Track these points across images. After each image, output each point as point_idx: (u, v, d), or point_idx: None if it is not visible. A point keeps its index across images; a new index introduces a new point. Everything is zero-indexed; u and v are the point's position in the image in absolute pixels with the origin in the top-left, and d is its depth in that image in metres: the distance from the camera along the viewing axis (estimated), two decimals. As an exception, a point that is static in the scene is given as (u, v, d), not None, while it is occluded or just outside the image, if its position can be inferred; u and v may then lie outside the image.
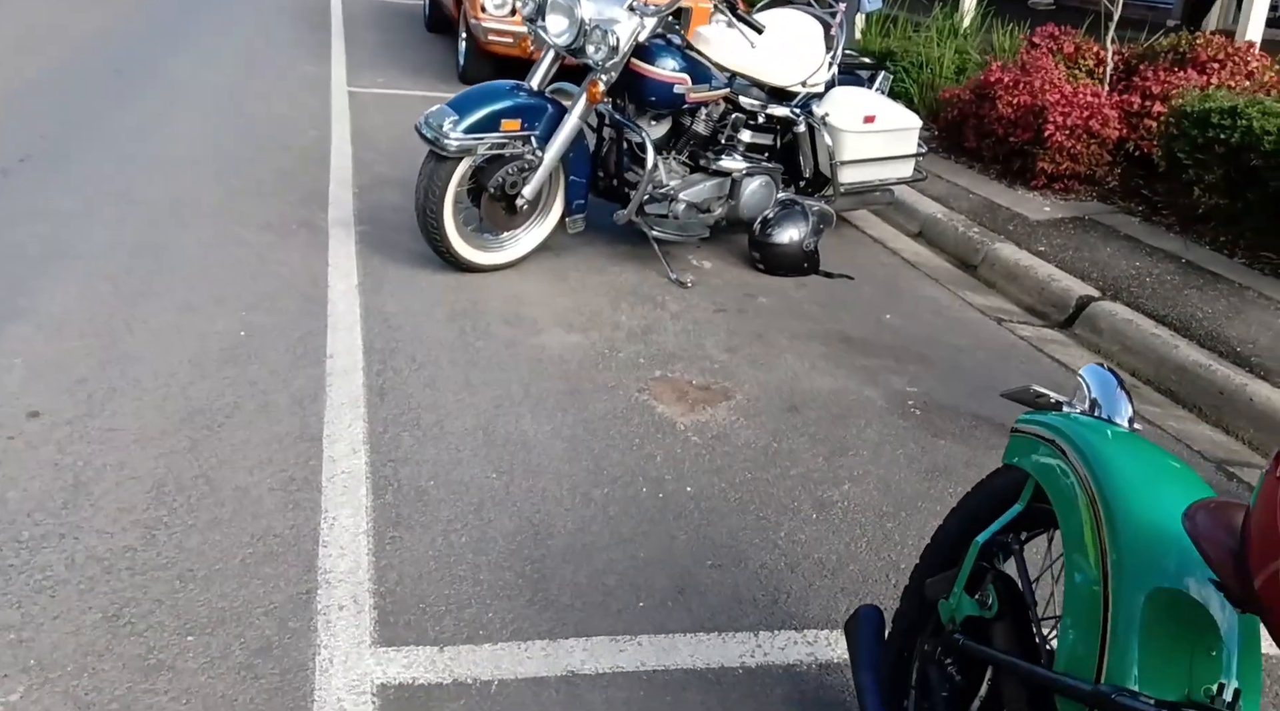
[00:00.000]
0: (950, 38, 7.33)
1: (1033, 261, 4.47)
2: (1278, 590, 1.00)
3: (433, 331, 3.42)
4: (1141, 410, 3.37)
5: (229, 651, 1.94)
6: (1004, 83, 5.58)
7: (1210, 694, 1.19)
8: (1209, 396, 3.42)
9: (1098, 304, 4.05)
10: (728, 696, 1.97)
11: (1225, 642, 1.24)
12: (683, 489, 2.67)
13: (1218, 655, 1.22)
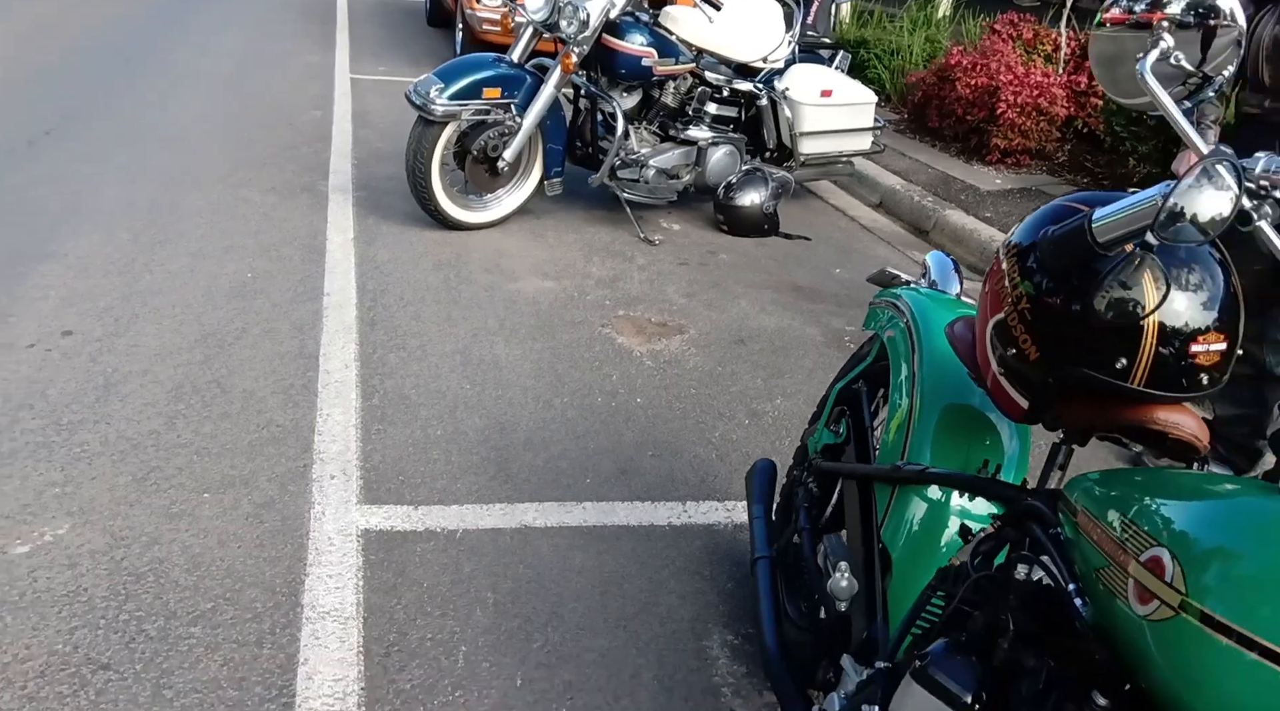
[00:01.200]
0: (923, 27, 7.71)
1: (978, 226, 4.84)
2: (999, 386, 1.37)
3: (420, 277, 3.81)
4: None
5: (238, 505, 2.32)
6: (963, 65, 5.96)
7: (977, 468, 1.56)
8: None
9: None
10: (655, 546, 2.35)
11: (1000, 435, 1.61)
12: (633, 400, 3.04)
13: (991, 444, 1.60)
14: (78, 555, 2.11)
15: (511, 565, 2.22)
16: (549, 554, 2.28)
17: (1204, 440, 1.22)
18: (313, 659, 1.89)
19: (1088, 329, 1.19)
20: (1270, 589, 0.86)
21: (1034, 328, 1.25)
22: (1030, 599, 1.15)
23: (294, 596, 2.05)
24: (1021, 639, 1.12)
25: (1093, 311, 1.16)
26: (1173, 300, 1.15)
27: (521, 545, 2.30)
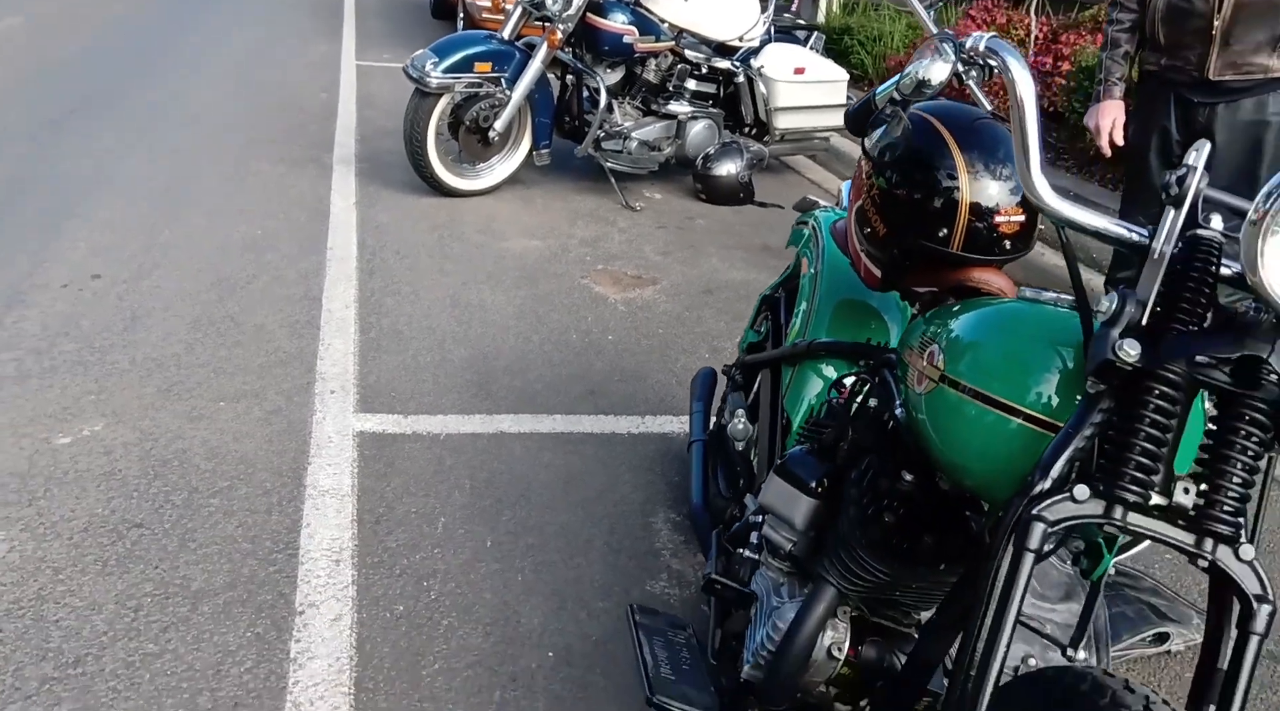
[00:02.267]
0: (906, 15, 8.01)
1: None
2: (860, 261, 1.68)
3: (415, 236, 4.14)
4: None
5: (250, 411, 2.66)
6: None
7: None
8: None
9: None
10: (614, 449, 2.67)
11: (884, 320, 1.93)
12: (605, 337, 3.37)
13: (875, 327, 1.91)
14: (112, 445, 2.44)
15: (487, 461, 2.55)
16: (521, 453, 2.60)
17: (1010, 294, 1.53)
18: (314, 523, 2.22)
19: (918, 207, 1.51)
20: (1001, 362, 1.18)
21: (881, 209, 1.57)
22: (866, 417, 1.47)
23: (298, 479, 2.38)
24: (856, 444, 1.45)
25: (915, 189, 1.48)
26: (981, 182, 1.46)
27: (497, 446, 2.62)
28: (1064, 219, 1.11)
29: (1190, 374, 0.98)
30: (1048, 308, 1.21)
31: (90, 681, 1.74)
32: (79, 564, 2.03)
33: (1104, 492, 0.99)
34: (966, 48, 1.22)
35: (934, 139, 1.53)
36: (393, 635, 1.92)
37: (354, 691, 1.77)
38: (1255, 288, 0.92)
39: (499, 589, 2.08)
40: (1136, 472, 0.99)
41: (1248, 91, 2.64)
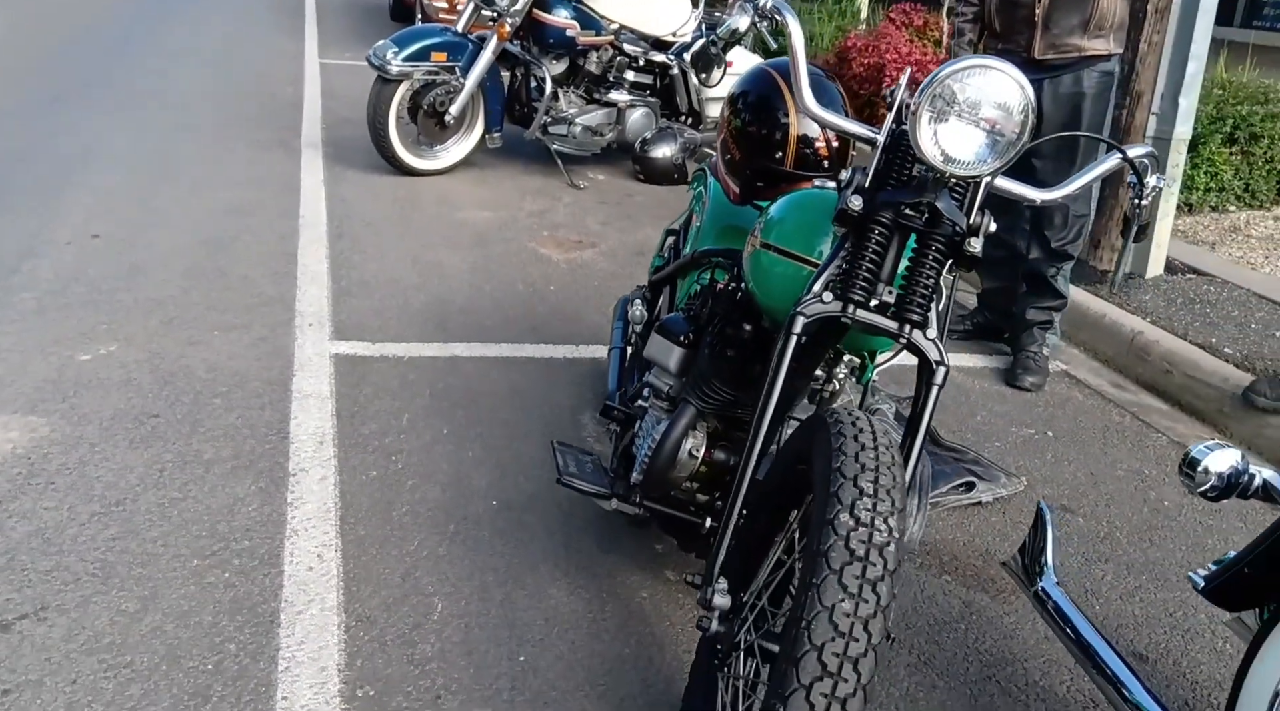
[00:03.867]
0: (836, 19, 8.63)
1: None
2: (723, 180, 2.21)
3: (379, 207, 4.62)
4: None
5: (241, 339, 3.13)
6: (858, 47, 6.85)
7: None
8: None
9: (895, 200, 5.30)
10: (552, 369, 3.18)
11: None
12: (548, 287, 3.88)
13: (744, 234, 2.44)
14: (125, 362, 2.91)
15: (443, 376, 3.05)
16: (472, 371, 3.10)
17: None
18: (300, 416, 2.70)
19: (761, 138, 2.04)
20: (794, 228, 1.71)
21: (737, 141, 2.11)
22: (724, 292, 1.99)
23: (285, 386, 2.86)
24: (713, 307, 1.97)
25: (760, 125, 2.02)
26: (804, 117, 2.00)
27: (451, 366, 3.12)
28: (824, 121, 1.64)
29: (893, 217, 1.51)
30: (827, 191, 1.74)
31: (130, 515, 2.22)
32: (111, 440, 2.50)
33: (840, 296, 1.52)
34: (761, 6, 1.75)
35: (772, 86, 2.08)
36: (368, 489, 2.41)
37: (339, 523, 2.26)
38: (919, 157, 1.45)
39: (453, 461, 2.58)
40: (861, 283, 1.52)
41: (1067, 68, 3.21)
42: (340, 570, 2.12)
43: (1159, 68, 3.99)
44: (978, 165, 1.44)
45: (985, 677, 2.00)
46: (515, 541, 2.28)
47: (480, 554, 2.22)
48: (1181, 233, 4.66)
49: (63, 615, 1.91)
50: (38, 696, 1.71)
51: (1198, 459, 1.60)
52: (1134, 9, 4.00)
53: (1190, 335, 3.57)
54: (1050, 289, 3.43)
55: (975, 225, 1.54)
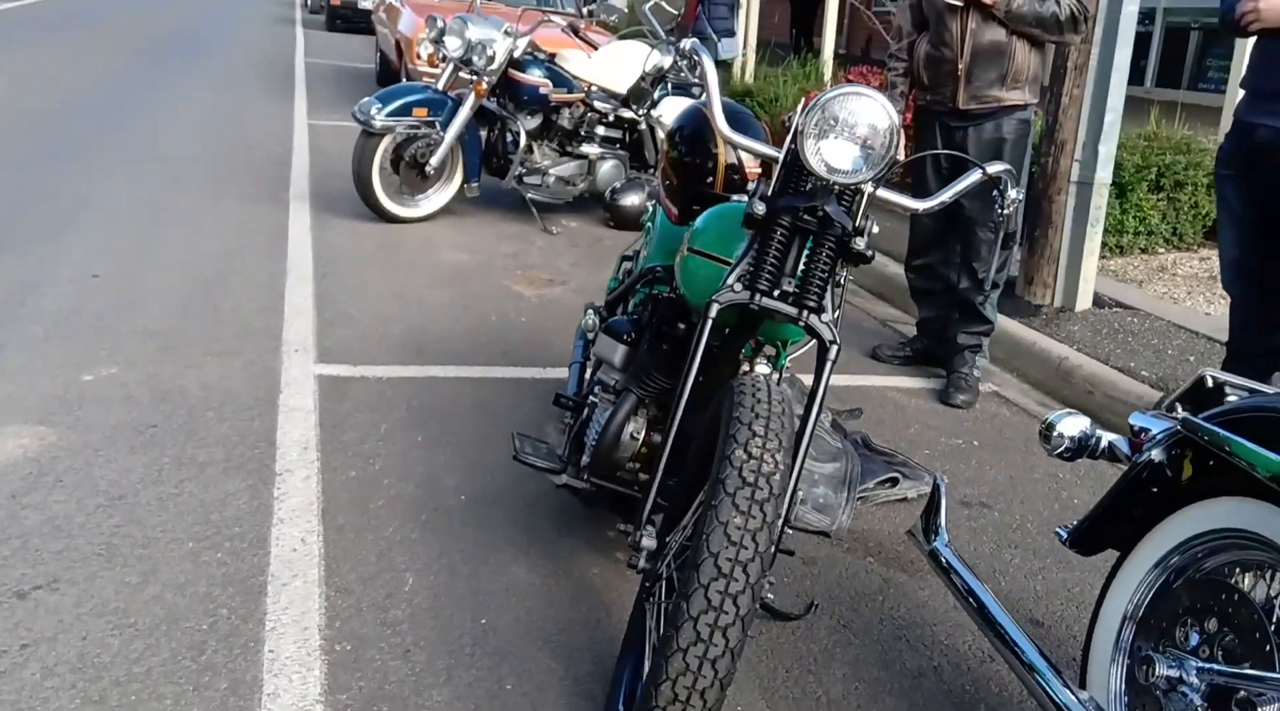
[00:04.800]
0: (801, 81, 9.10)
1: (817, 224, 6.07)
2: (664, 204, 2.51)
3: (363, 250, 4.92)
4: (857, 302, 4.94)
5: (232, 363, 3.39)
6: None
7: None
8: (896, 291, 4.98)
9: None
10: (521, 388, 3.44)
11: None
12: (520, 319, 4.16)
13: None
14: (125, 381, 3.16)
15: (420, 393, 3.31)
16: (446, 389, 3.37)
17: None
18: (286, 427, 2.95)
19: (694, 165, 2.35)
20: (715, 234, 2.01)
21: (675, 169, 2.41)
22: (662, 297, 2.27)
23: (272, 401, 3.11)
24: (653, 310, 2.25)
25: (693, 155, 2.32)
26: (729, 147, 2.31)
27: (427, 385, 3.38)
28: (734, 142, 1.95)
29: (792, 221, 1.80)
30: (743, 204, 2.03)
31: (131, 507, 2.45)
32: (113, 447, 2.74)
33: (749, 286, 1.81)
34: (682, 49, 2.07)
35: (702, 120, 2.39)
36: (348, 487, 2.66)
37: (321, 514, 2.50)
38: (809, 168, 1.74)
39: (426, 464, 2.82)
40: (766, 276, 1.81)
41: (988, 116, 3.56)
42: (322, 551, 2.35)
43: (1080, 118, 4.36)
44: (855, 174, 1.74)
45: (896, 637, 2.24)
46: (481, 529, 2.52)
47: (449, 538, 2.46)
48: (1113, 272, 5.01)
49: (73, 586, 2.13)
50: (53, 650, 1.94)
51: (1054, 424, 1.88)
52: (1055, 65, 4.41)
53: (1112, 360, 3.87)
54: (979, 315, 3.74)
55: (860, 227, 1.83)
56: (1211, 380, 1.73)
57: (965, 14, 3.42)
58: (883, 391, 3.75)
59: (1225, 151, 3.23)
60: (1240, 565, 1.61)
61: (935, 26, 3.54)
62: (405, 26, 8.62)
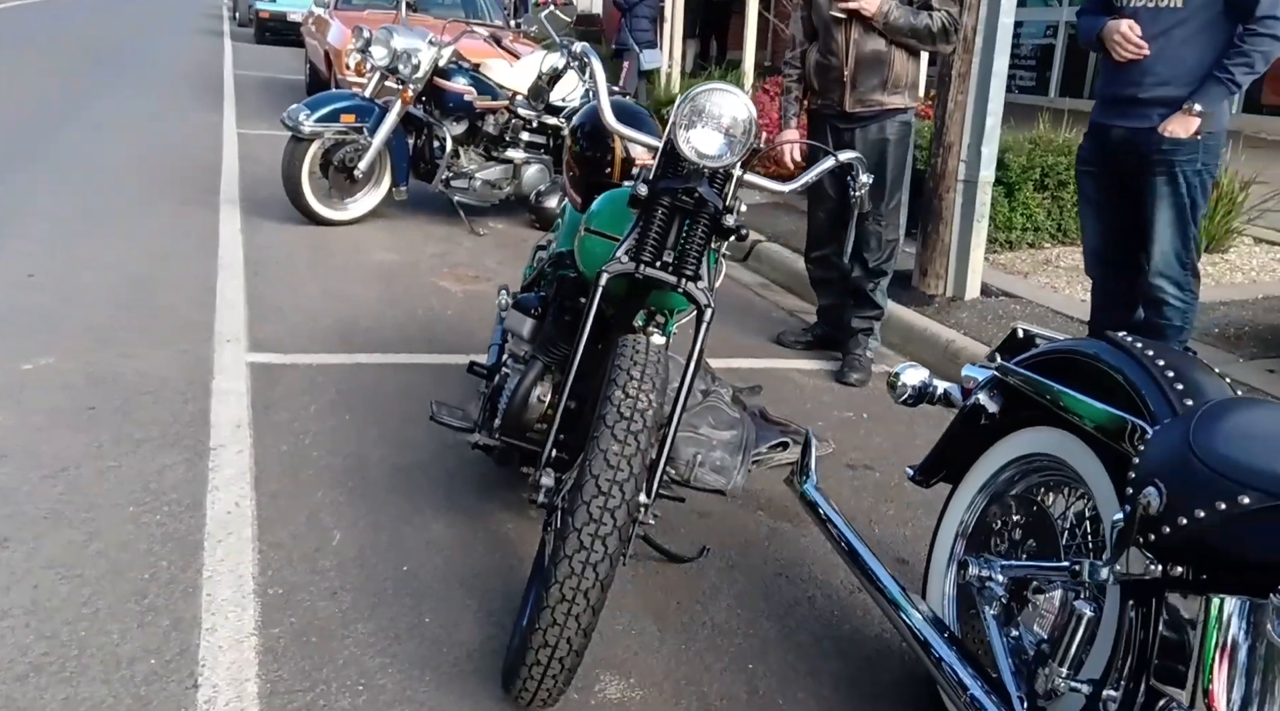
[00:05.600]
0: (723, 91, 9.45)
1: (733, 225, 6.38)
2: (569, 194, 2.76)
3: (293, 251, 5.09)
4: (765, 293, 5.25)
5: (165, 353, 3.55)
6: (736, 113, 7.62)
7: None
8: (801, 283, 5.31)
9: (763, 244, 5.96)
10: (445, 373, 3.66)
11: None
12: (445, 312, 4.38)
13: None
14: (63, 370, 3.31)
15: (348, 378, 3.51)
16: (373, 374, 3.57)
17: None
18: (219, 408, 3.14)
19: (593, 158, 2.61)
20: (608, 215, 2.27)
21: (576, 162, 2.67)
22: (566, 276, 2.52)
23: (205, 386, 3.29)
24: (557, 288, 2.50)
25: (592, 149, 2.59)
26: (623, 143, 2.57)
27: (355, 371, 3.59)
28: (618, 132, 2.21)
29: (671, 201, 2.07)
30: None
31: (74, 478, 2.62)
32: (55, 427, 2.90)
33: (634, 258, 2.07)
34: (574, 51, 2.33)
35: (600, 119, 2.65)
36: (279, 459, 2.86)
37: (254, 482, 2.70)
38: (681, 154, 2.01)
39: (354, 439, 3.03)
40: (649, 249, 2.07)
41: (873, 119, 3.89)
42: (255, 513, 2.55)
43: (964, 122, 4.74)
44: (721, 158, 2.01)
45: (777, 575, 2.52)
46: (405, 493, 2.74)
47: (374, 502, 2.68)
48: (1002, 265, 5.40)
49: (22, 545, 2.31)
50: (6, 596, 2.11)
51: (898, 374, 2.17)
52: (941, 74, 4.78)
53: (993, 342, 4.22)
54: (870, 301, 4.07)
55: (730, 206, 2.11)
56: (1022, 332, 2.04)
57: (849, 25, 3.75)
58: (785, 372, 4.06)
59: (1084, 151, 3.60)
60: (1044, 484, 1.92)
61: (823, 36, 3.86)
62: (334, 38, 8.78)
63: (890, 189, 3.95)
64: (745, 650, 2.20)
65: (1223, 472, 1.33)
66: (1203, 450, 1.37)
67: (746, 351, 4.29)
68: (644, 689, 2.04)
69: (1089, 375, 1.78)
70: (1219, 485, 1.32)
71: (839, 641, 2.27)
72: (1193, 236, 3.31)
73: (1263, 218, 5.67)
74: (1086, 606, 1.50)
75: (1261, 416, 1.44)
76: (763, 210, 6.71)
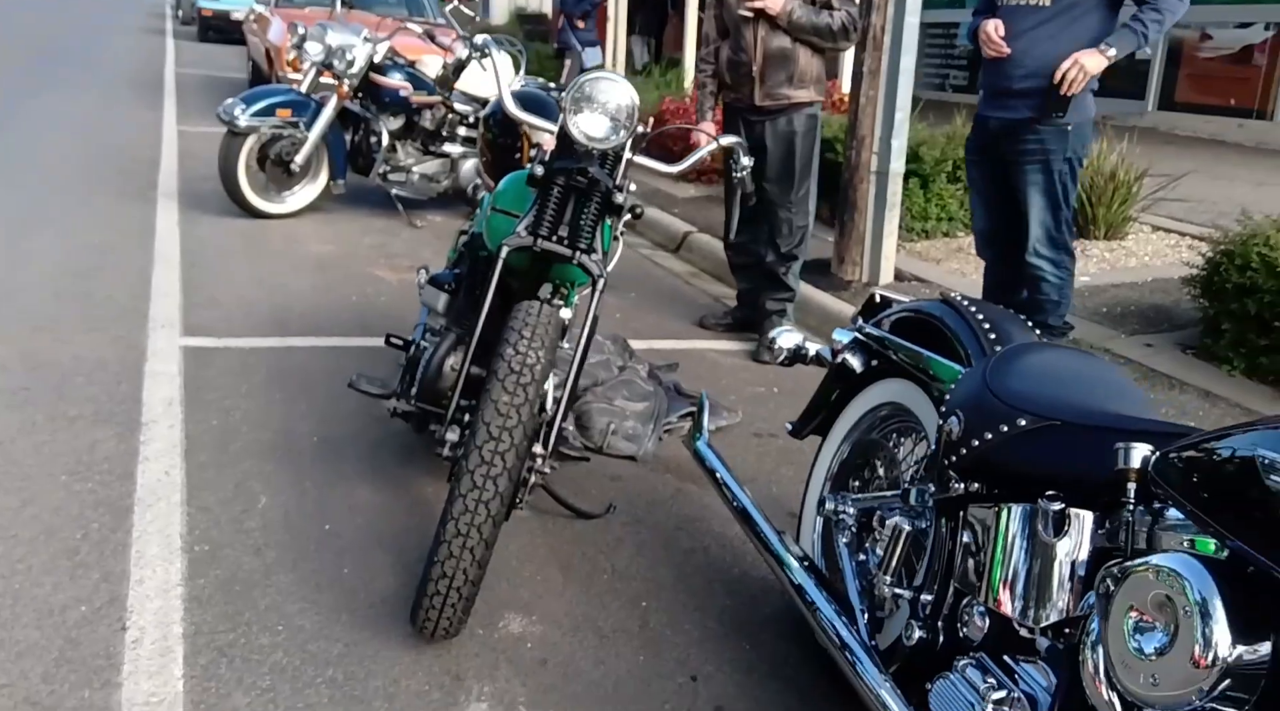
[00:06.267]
0: (662, 88, 9.68)
1: (666, 217, 6.60)
2: (486, 180, 2.95)
3: (230, 243, 5.20)
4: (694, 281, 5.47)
5: (100, 339, 3.67)
6: (671, 109, 7.85)
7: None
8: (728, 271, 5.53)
9: (693, 236, 6.18)
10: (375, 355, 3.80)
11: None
12: (379, 299, 4.53)
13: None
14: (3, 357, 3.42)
15: (280, 359, 3.66)
16: (305, 357, 3.72)
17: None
18: (152, 387, 3.27)
19: (504, 144, 2.80)
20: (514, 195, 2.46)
21: (490, 147, 2.86)
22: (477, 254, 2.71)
23: (139, 368, 3.42)
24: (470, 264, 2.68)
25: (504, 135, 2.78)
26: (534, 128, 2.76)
27: (287, 353, 3.74)
28: (521, 120, 2.40)
29: (565, 181, 2.26)
30: (533, 170, 2.49)
31: (8, 452, 2.75)
32: (-12, 405, 3.02)
33: (532, 233, 2.26)
34: (475, 43, 2.52)
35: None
36: (209, 433, 3.00)
37: (184, 454, 2.85)
38: (572, 137, 2.21)
39: (283, 415, 3.19)
40: (546, 224, 2.26)
41: (781, 112, 4.12)
42: (184, 481, 2.70)
43: (875, 117, 4.99)
44: (607, 140, 2.21)
45: (678, 528, 2.73)
46: (331, 463, 2.90)
47: (301, 470, 2.84)
48: (918, 253, 5.67)
49: (-44, 510, 2.44)
50: (-60, 556, 2.25)
51: (774, 337, 2.39)
52: (855, 71, 5.03)
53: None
54: (783, 283, 4.30)
55: (620, 185, 2.31)
56: (880, 297, 2.27)
57: (756, 24, 3.97)
58: (704, 352, 4.27)
59: (970, 142, 3.86)
60: (894, 429, 2.14)
61: (734, 35, 4.08)
62: (274, 35, 8.85)
63: (799, 178, 4.18)
64: (641, 591, 2.40)
65: (1007, 401, 1.55)
66: (994, 384, 1.59)
67: (671, 334, 4.50)
68: (544, 625, 2.23)
69: (929, 332, 2.01)
70: (1003, 412, 1.54)
71: (728, 582, 2.48)
72: (1065, 219, 3.57)
73: (1161, 207, 6.01)
74: (907, 523, 1.72)
75: (1047, 357, 1.67)
76: (696, 203, 6.94)
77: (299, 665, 2.03)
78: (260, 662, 2.02)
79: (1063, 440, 1.49)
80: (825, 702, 2.05)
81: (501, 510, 1.90)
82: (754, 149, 4.20)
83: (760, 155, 4.17)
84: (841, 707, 1.93)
